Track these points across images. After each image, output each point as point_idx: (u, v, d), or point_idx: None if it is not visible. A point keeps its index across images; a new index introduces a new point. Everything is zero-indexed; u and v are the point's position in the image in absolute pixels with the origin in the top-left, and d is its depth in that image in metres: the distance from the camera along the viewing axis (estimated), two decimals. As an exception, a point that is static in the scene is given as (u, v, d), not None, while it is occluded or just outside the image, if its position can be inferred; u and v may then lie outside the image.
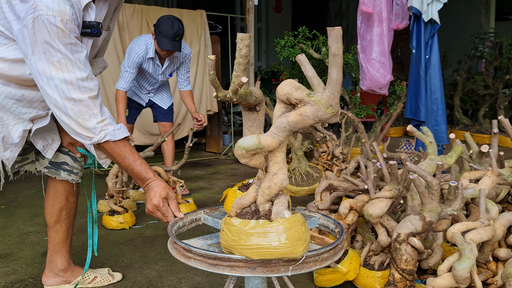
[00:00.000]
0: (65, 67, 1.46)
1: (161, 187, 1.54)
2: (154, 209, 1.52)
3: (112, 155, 1.57)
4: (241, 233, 1.19)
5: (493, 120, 2.39)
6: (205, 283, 2.25)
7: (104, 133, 1.54)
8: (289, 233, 1.17)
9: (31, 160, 1.96)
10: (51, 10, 1.42)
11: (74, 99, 1.49)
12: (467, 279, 1.59)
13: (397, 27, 4.14)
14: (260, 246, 1.17)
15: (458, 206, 1.86)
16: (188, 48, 3.76)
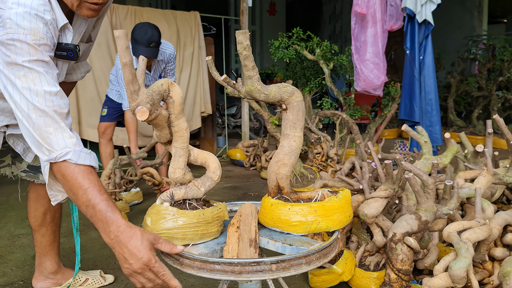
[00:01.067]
0: (32, 81, 1.33)
1: (139, 233, 1.18)
2: (144, 269, 1.14)
3: (71, 183, 1.26)
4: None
5: (487, 121, 2.39)
6: (199, 285, 2.22)
7: (67, 150, 1.30)
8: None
9: (7, 164, 1.91)
10: (22, 28, 1.34)
11: (39, 109, 1.32)
12: (464, 279, 1.58)
13: (391, 28, 4.14)
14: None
15: (454, 206, 1.84)
16: (170, 47, 3.72)
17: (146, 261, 1.14)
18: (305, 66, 5.43)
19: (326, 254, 1.28)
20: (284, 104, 1.37)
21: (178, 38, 5.45)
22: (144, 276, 1.15)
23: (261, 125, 7.55)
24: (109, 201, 1.23)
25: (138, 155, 3.49)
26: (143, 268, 1.14)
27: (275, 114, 7.91)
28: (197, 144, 6.46)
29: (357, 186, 2.33)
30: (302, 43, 4.94)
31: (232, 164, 5.47)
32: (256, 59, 11.56)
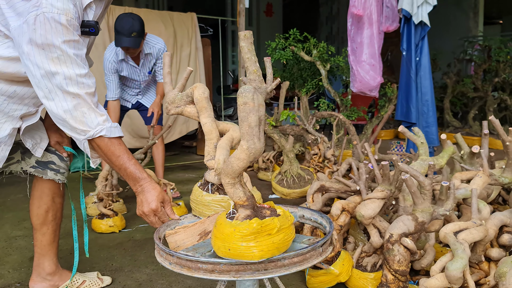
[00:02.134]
0: (64, 63, 1.46)
1: (157, 190, 1.51)
2: (151, 213, 1.48)
3: (106, 153, 1.53)
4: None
5: (483, 122, 2.40)
6: (196, 286, 2.22)
7: (101, 127, 1.51)
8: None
9: (16, 160, 1.93)
10: (56, 8, 1.43)
11: (73, 93, 1.48)
12: (460, 279, 1.59)
13: (387, 30, 4.15)
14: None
15: (450, 206, 1.85)
16: (160, 42, 3.72)
17: (154, 208, 1.48)
18: (302, 67, 5.44)
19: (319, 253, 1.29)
20: None
21: (175, 39, 5.45)
22: (149, 219, 1.49)
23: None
24: (137, 165, 1.54)
25: (135, 156, 3.49)
26: (150, 213, 1.48)
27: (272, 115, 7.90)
28: (194, 145, 6.46)
29: (354, 187, 2.33)
30: (299, 45, 4.95)
31: (229, 165, 5.46)
32: (253, 60, 11.53)
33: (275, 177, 4.07)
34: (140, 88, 3.89)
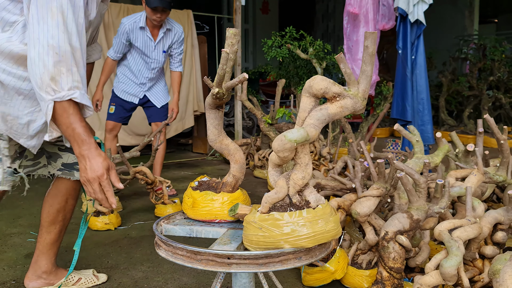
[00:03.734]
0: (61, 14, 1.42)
1: (103, 156, 1.43)
2: (95, 180, 1.39)
3: (62, 115, 1.42)
4: (292, 225, 1.22)
5: (478, 120, 2.41)
6: (192, 284, 2.22)
7: (73, 91, 1.43)
8: (333, 216, 1.29)
9: (43, 164, 1.94)
10: None
11: (61, 47, 1.41)
12: (454, 277, 1.60)
13: (383, 28, 4.16)
14: (317, 232, 1.23)
15: (445, 204, 1.86)
16: (181, 28, 3.73)
17: (99, 175, 1.40)
18: (298, 65, 5.45)
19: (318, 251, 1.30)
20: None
21: (171, 37, 5.44)
22: (92, 186, 1.41)
23: (254, 123, 7.55)
24: (87, 128, 1.45)
25: (131, 154, 3.48)
26: (94, 179, 1.40)
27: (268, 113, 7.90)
28: (190, 142, 6.46)
29: (349, 185, 2.34)
30: (295, 42, 4.95)
31: (225, 163, 5.47)
32: (249, 58, 11.55)
33: None
34: (150, 75, 3.78)
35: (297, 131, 1.23)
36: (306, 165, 1.30)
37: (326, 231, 1.24)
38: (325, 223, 1.25)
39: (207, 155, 5.95)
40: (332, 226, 1.26)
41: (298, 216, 1.23)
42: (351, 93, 1.26)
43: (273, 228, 1.22)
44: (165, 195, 3.35)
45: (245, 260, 1.18)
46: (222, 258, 1.19)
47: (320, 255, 1.29)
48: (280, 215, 1.24)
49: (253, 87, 8.16)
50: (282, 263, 1.20)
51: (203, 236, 1.46)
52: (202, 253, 1.21)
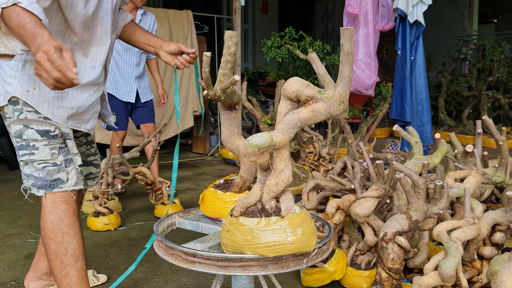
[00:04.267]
0: None
1: (53, 39, 1.25)
2: (43, 57, 1.20)
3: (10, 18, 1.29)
4: (253, 232, 1.19)
5: (477, 121, 2.42)
6: (192, 284, 2.23)
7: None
8: (303, 227, 1.21)
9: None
10: None
11: None
12: (453, 277, 1.60)
13: (383, 28, 4.17)
14: (277, 242, 1.18)
15: (444, 205, 1.87)
16: (153, 15, 3.75)
17: (45, 49, 1.20)
18: (297, 65, 5.45)
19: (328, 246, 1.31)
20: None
21: (170, 37, 5.44)
22: (43, 66, 1.20)
23: (254, 124, 7.55)
24: (38, 22, 1.29)
25: (130, 155, 3.49)
26: (41, 57, 1.20)
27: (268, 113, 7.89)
28: (190, 142, 6.46)
29: (349, 185, 2.35)
30: (294, 43, 4.96)
31: (224, 163, 5.47)
32: (249, 58, 11.56)
33: None
34: (138, 65, 3.73)
35: (261, 136, 1.19)
36: (280, 171, 1.24)
37: (288, 242, 1.18)
38: (289, 234, 1.19)
39: (206, 155, 5.95)
40: (297, 238, 1.19)
41: (260, 224, 1.20)
42: (325, 96, 1.18)
43: (237, 233, 1.21)
44: (164, 195, 3.36)
45: (206, 260, 1.20)
46: (188, 256, 1.22)
47: (295, 267, 1.23)
48: (246, 220, 1.22)
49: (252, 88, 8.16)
50: (243, 269, 1.19)
51: (206, 232, 1.48)
52: (174, 248, 1.26)
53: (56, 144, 1.62)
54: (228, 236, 1.23)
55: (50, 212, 1.61)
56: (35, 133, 1.59)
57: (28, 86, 1.57)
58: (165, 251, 1.30)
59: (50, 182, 1.61)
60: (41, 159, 1.60)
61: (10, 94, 1.57)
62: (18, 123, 1.60)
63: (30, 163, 1.61)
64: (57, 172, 1.62)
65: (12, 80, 1.57)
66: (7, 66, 1.57)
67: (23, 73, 1.56)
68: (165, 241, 1.29)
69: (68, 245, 1.61)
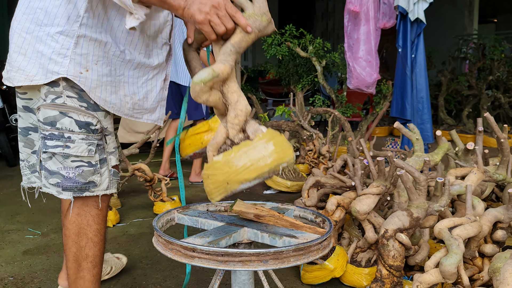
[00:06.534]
0: None
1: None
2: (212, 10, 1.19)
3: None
4: (229, 162, 1.19)
5: (478, 119, 2.41)
6: (191, 281, 2.21)
7: None
8: (274, 140, 1.21)
9: None
10: None
11: None
12: (454, 275, 1.59)
13: (384, 26, 4.16)
14: (254, 160, 1.17)
15: (445, 202, 1.86)
16: None
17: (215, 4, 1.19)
18: (297, 63, 5.44)
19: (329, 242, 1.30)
20: None
21: (170, 34, 5.42)
22: (217, 16, 1.20)
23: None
24: None
25: (129, 151, 3.47)
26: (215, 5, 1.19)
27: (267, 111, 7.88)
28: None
29: (349, 182, 2.34)
30: (294, 40, 4.94)
31: (224, 160, 5.46)
32: (248, 56, 11.54)
33: None
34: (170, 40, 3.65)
35: (203, 71, 1.19)
36: (236, 102, 1.24)
37: (265, 155, 1.17)
38: (262, 150, 1.17)
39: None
40: (272, 151, 1.18)
41: (232, 153, 1.19)
42: (247, 15, 1.22)
43: (216, 172, 1.20)
44: (163, 192, 3.34)
45: (206, 255, 1.18)
46: (187, 250, 1.21)
47: (296, 262, 1.20)
48: (218, 156, 1.20)
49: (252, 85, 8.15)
50: (243, 264, 1.17)
51: (205, 228, 1.47)
52: (173, 243, 1.24)
53: (94, 140, 1.40)
54: (210, 182, 1.22)
55: (79, 214, 1.44)
56: (73, 124, 1.36)
57: (81, 68, 1.35)
58: (164, 246, 1.28)
59: (81, 185, 1.41)
60: (76, 154, 1.38)
61: (57, 75, 1.33)
62: (53, 108, 1.36)
63: (59, 158, 1.38)
64: (92, 174, 1.41)
65: (61, 58, 1.33)
66: (55, 41, 1.33)
67: (75, 52, 1.34)
68: (164, 236, 1.27)
69: (90, 251, 1.48)
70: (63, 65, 1.33)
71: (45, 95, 1.37)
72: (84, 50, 1.35)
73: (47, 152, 1.38)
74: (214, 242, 1.29)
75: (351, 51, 4.18)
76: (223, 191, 1.22)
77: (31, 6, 1.34)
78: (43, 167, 1.42)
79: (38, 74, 1.35)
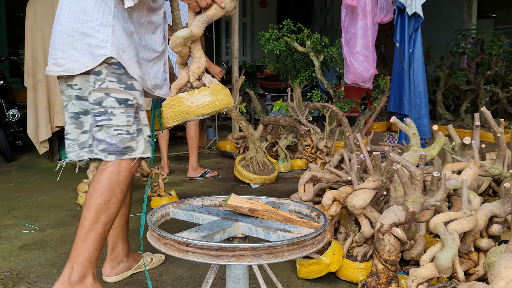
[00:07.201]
0: None
1: None
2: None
3: None
4: (190, 99, 1.74)
5: (475, 114, 2.41)
6: (187, 276, 2.21)
7: None
8: (224, 91, 1.78)
9: None
10: None
11: None
12: (449, 269, 1.59)
13: (381, 21, 4.14)
14: (209, 101, 1.75)
15: (441, 197, 1.86)
16: None
17: None
18: (295, 58, 5.43)
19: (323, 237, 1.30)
20: None
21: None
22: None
23: (251, 117, 7.54)
24: None
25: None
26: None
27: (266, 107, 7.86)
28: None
29: (345, 177, 2.33)
30: (292, 35, 4.93)
31: (222, 156, 5.46)
32: (247, 51, 11.51)
33: (239, 162, 4.11)
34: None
35: (183, 30, 1.69)
36: (199, 57, 1.77)
37: (218, 99, 1.75)
38: (216, 95, 1.76)
39: (204, 149, 5.93)
40: (223, 97, 1.77)
41: (194, 93, 1.74)
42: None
43: (178, 104, 1.75)
44: (161, 187, 3.34)
45: (200, 249, 1.18)
46: (181, 245, 1.21)
47: (290, 256, 1.21)
48: (183, 94, 1.75)
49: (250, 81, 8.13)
50: (237, 258, 1.17)
51: (200, 222, 1.46)
52: (167, 238, 1.24)
53: (131, 113, 1.73)
54: (171, 110, 1.77)
55: (113, 172, 1.72)
56: (115, 101, 1.70)
57: (119, 50, 1.70)
58: (158, 241, 1.28)
59: (121, 149, 1.73)
60: (117, 125, 1.71)
61: (104, 56, 1.68)
62: (100, 91, 1.70)
63: (105, 129, 1.71)
64: (129, 140, 1.74)
65: (105, 43, 1.68)
66: (98, 32, 1.68)
67: (114, 37, 1.69)
68: (158, 231, 1.27)
69: (111, 207, 1.72)
70: (107, 48, 1.68)
71: (94, 82, 1.71)
72: (119, 36, 1.70)
73: (97, 126, 1.72)
74: (208, 236, 1.29)
75: (348, 46, 4.17)
76: (182, 119, 1.77)
77: (72, 11, 1.71)
78: (94, 138, 1.74)
79: (90, 61, 1.69)
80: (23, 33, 4.58)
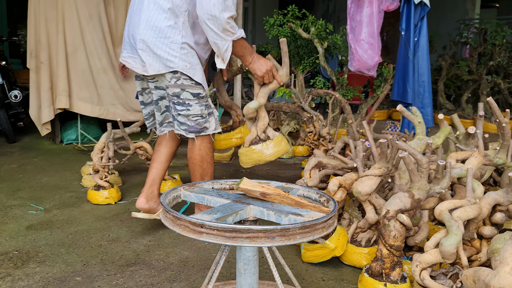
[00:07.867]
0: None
1: (265, 59, 2.32)
2: (269, 70, 2.29)
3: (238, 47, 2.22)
4: (262, 151, 2.45)
5: (479, 103, 2.42)
6: (193, 258, 2.25)
7: (241, 31, 2.19)
8: (284, 141, 2.50)
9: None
10: None
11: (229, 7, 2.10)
12: (454, 255, 1.63)
13: (387, 8, 4.12)
14: (275, 151, 2.46)
15: (446, 184, 1.89)
16: None
17: (270, 67, 2.30)
18: (299, 44, 5.41)
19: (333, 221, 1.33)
20: None
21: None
22: (268, 74, 2.30)
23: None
24: (252, 49, 2.31)
25: (131, 129, 3.48)
26: (268, 70, 2.29)
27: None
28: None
29: (351, 164, 2.36)
30: (297, 21, 4.91)
31: (223, 141, 5.47)
32: (248, 37, 11.42)
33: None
34: None
35: (254, 103, 2.39)
36: (263, 117, 2.45)
37: (280, 149, 2.46)
38: (279, 146, 2.46)
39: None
40: (283, 146, 2.48)
41: (264, 145, 2.44)
42: (280, 74, 2.36)
43: (251, 154, 2.47)
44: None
45: (214, 230, 1.21)
46: (196, 226, 1.23)
47: (302, 239, 1.25)
48: (255, 146, 2.46)
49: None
50: (250, 240, 1.20)
51: (211, 205, 1.49)
52: (181, 219, 1.27)
53: (203, 102, 2.32)
54: (246, 157, 2.49)
55: (200, 148, 2.38)
56: (190, 95, 2.28)
57: (185, 62, 2.24)
58: (173, 222, 1.30)
59: (199, 129, 2.34)
60: (194, 113, 2.30)
61: (172, 68, 2.23)
62: (176, 87, 2.26)
63: (184, 116, 2.31)
64: (204, 122, 2.35)
65: (173, 58, 2.22)
66: (169, 47, 2.21)
67: (181, 53, 2.23)
68: (173, 212, 1.29)
69: (209, 169, 2.43)
70: (175, 62, 2.23)
71: (170, 78, 2.26)
72: (185, 51, 2.24)
73: (177, 113, 2.32)
74: (222, 218, 1.31)
75: (353, 33, 4.16)
76: (254, 164, 2.49)
77: (149, 25, 2.22)
78: (176, 120, 2.34)
79: (162, 68, 2.25)
80: (21, 14, 4.55)
